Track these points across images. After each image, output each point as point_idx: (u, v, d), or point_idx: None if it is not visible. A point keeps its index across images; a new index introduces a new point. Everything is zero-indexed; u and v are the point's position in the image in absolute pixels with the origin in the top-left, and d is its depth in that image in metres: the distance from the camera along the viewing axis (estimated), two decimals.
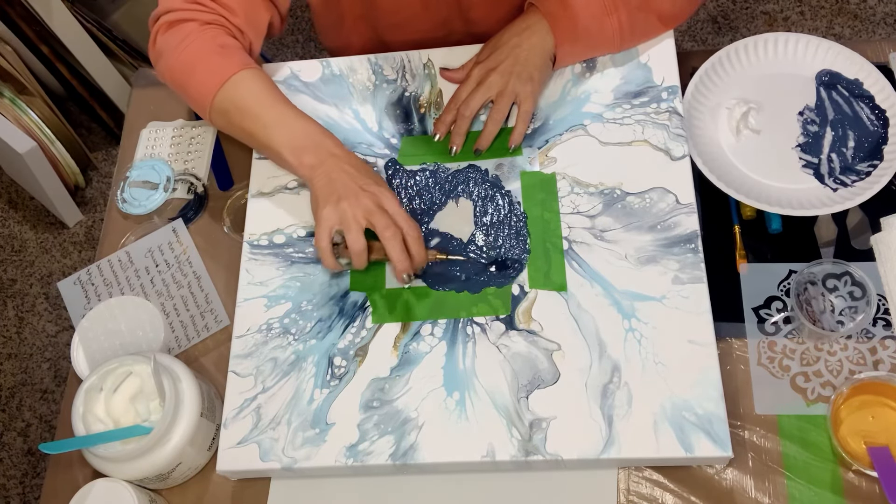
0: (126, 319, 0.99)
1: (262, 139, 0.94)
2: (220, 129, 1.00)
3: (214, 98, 0.94)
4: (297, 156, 0.92)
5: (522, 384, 0.88)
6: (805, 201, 0.95)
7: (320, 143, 0.92)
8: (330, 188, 0.89)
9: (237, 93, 0.94)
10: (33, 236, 2.07)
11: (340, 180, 0.90)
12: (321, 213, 0.89)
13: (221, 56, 0.95)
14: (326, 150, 0.92)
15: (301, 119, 0.94)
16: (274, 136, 0.93)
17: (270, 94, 0.94)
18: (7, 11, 1.89)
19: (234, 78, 0.94)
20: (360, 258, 0.90)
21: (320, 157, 0.91)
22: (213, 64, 0.95)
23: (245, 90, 0.94)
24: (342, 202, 0.88)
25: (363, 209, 0.88)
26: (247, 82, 0.94)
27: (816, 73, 1.03)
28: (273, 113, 0.93)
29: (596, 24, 0.97)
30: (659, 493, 0.87)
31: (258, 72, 0.96)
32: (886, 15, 2.04)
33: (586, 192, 0.96)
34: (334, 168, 0.90)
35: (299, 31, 2.23)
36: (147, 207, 1.07)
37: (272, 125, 0.93)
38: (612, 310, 0.90)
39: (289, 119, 0.93)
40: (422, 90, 1.06)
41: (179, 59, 0.96)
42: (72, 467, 0.97)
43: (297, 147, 0.92)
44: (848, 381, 0.87)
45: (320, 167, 0.91)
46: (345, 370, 0.91)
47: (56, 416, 1.85)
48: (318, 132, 0.93)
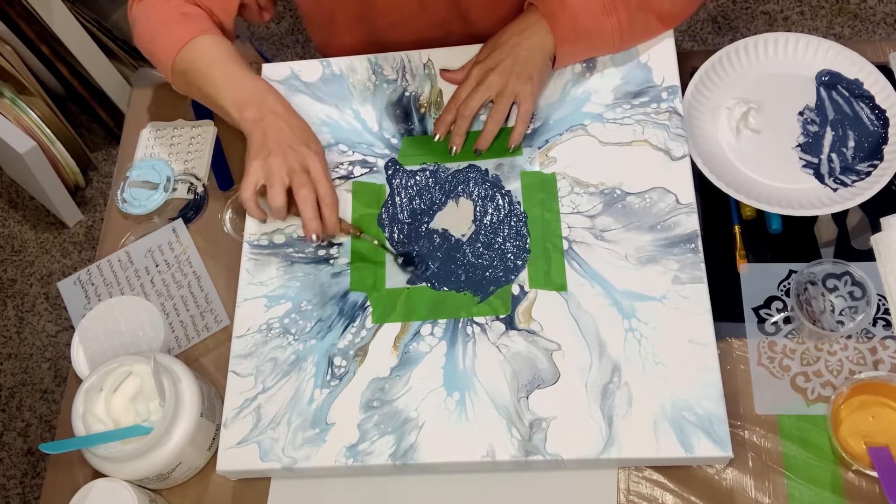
0: (126, 319, 0.99)
1: (213, 97, 0.97)
2: (181, 90, 1.04)
3: (174, 61, 1.00)
4: (239, 111, 0.95)
5: (522, 384, 0.88)
6: (805, 201, 0.95)
7: (263, 100, 0.96)
8: (263, 142, 0.94)
9: (193, 55, 0.98)
10: (33, 236, 2.07)
11: (274, 137, 0.94)
12: (250, 165, 0.93)
13: (182, 23, 1.01)
14: (268, 106, 0.95)
15: (249, 78, 0.97)
16: (222, 93, 0.97)
17: (223, 56, 0.98)
18: (7, 11, 1.89)
19: (192, 42, 0.99)
20: (278, 213, 0.94)
21: (261, 112, 0.95)
22: (174, 29, 1.00)
23: (200, 52, 0.98)
24: (270, 158, 0.93)
25: (287, 167, 0.92)
26: (202, 45, 0.99)
27: (816, 73, 1.03)
28: (222, 72, 0.97)
29: (595, 24, 0.97)
30: (659, 493, 0.87)
31: (215, 37, 1.00)
32: (886, 15, 2.04)
33: (586, 191, 0.96)
34: (271, 125, 0.94)
35: (299, 31, 2.23)
36: (147, 207, 1.07)
37: (221, 84, 0.97)
38: (612, 310, 0.90)
39: (237, 78, 0.97)
40: (422, 90, 1.06)
41: (146, 26, 1.03)
42: (72, 467, 0.97)
43: (240, 103, 0.96)
44: (848, 381, 0.87)
45: (259, 122, 0.94)
46: (345, 370, 0.91)
47: (56, 416, 1.85)
48: (263, 90, 0.97)
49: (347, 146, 1.04)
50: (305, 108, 1.06)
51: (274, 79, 1.09)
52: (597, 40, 0.99)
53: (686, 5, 1.01)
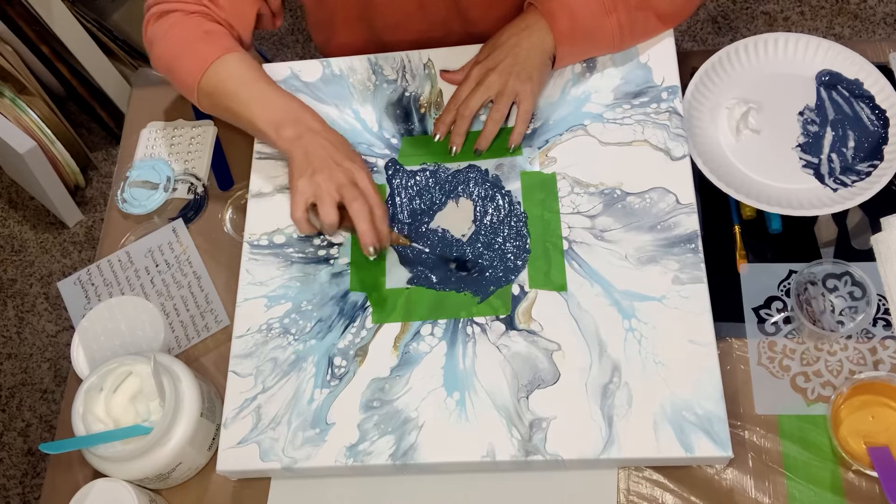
0: (126, 319, 0.99)
1: (245, 117, 0.96)
2: (208, 112, 1.02)
3: (199, 82, 0.97)
4: (276, 130, 0.94)
5: (522, 384, 0.88)
6: (805, 201, 0.95)
7: (299, 118, 0.95)
8: (306, 161, 0.92)
9: (220, 76, 0.97)
10: (33, 236, 2.07)
11: (317, 154, 0.92)
12: (296, 184, 0.92)
13: (206, 42, 0.98)
14: (305, 124, 0.94)
15: (281, 95, 0.96)
16: (255, 112, 0.95)
17: (251, 74, 0.97)
18: (7, 11, 1.89)
19: (217, 62, 0.97)
20: (331, 229, 0.93)
21: (298, 130, 0.94)
22: (197, 50, 0.98)
23: (227, 73, 0.97)
24: (317, 175, 0.91)
25: (336, 183, 0.91)
26: (229, 65, 0.97)
27: (816, 73, 1.03)
28: (253, 90, 0.96)
29: (595, 24, 0.97)
30: (659, 493, 0.87)
31: (240, 55, 0.98)
32: (886, 15, 2.04)
33: (586, 192, 0.96)
34: (311, 142, 0.93)
35: (299, 31, 2.23)
36: (147, 207, 1.07)
37: (253, 102, 0.95)
38: (612, 310, 0.90)
39: (269, 95, 0.96)
40: (422, 90, 1.06)
41: (166, 46, 1.00)
42: (72, 467, 0.97)
43: (276, 122, 0.94)
44: (848, 381, 0.87)
45: (298, 141, 0.93)
46: (345, 370, 0.91)
47: (56, 416, 1.85)
48: (297, 107, 0.96)
49: None
50: None
51: (274, 79, 1.08)
52: (596, 40, 0.99)
53: (685, 4, 1.00)
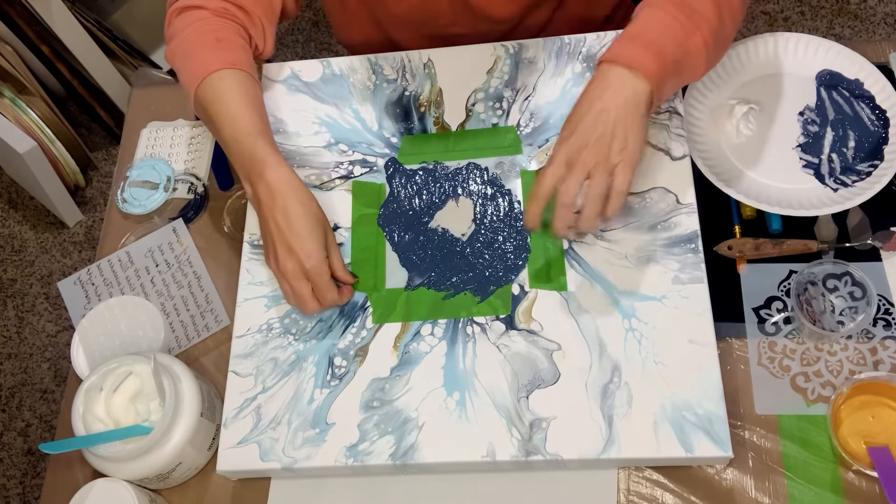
0: (126, 319, 0.99)
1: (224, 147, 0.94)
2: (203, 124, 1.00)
3: (196, 92, 0.94)
4: (243, 180, 0.93)
5: (522, 384, 0.88)
6: (805, 201, 0.95)
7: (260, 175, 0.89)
8: (264, 239, 0.92)
9: (209, 93, 0.93)
10: (33, 236, 2.07)
11: (268, 232, 0.90)
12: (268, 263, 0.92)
13: (212, 50, 0.94)
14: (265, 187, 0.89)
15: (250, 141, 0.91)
16: (228, 151, 0.93)
17: (237, 106, 0.92)
18: (7, 11, 1.89)
19: (213, 76, 0.93)
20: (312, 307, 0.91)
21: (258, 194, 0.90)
22: (202, 57, 0.94)
23: (216, 91, 0.93)
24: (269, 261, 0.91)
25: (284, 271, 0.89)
26: (221, 84, 0.93)
27: (817, 73, 1.03)
28: (230, 127, 0.92)
29: (681, 50, 0.85)
30: (659, 493, 0.87)
31: (238, 74, 0.94)
32: (886, 15, 2.04)
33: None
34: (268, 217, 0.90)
35: (299, 31, 2.24)
36: (147, 207, 1.07)
37: (226, 142, 0.93)
38: (612, 310, 0.90)
39: (240, 139, 0.91)
40: (422, 89, 1.06)
41: (178, 45, 0.97)
42: (72, 467, 0.97)
43: (242, 172, 0.92)
44: (848, 381, 0.87)
45: (258, 206, 0.91)
46: (345, 370, 0.91)
47: (56, 416, 1.85)
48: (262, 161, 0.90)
49: (347, 146, 1.04)
50: (305, 108, 1.06)
51: (274, 79, 1.09)
52: (686, 66, 0.87)
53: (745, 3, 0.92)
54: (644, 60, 0.83)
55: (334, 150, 1.03)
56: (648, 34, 0.85)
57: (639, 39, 0.84)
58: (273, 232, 0.89)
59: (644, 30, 0.85)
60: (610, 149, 0.83)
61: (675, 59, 0.85)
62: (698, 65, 0.88)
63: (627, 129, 0.83)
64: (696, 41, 0.85)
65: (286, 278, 0.89)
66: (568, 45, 1.05)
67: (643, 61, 0.83)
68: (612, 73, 0.84)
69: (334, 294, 0.91)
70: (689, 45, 0.85)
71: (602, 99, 0.84)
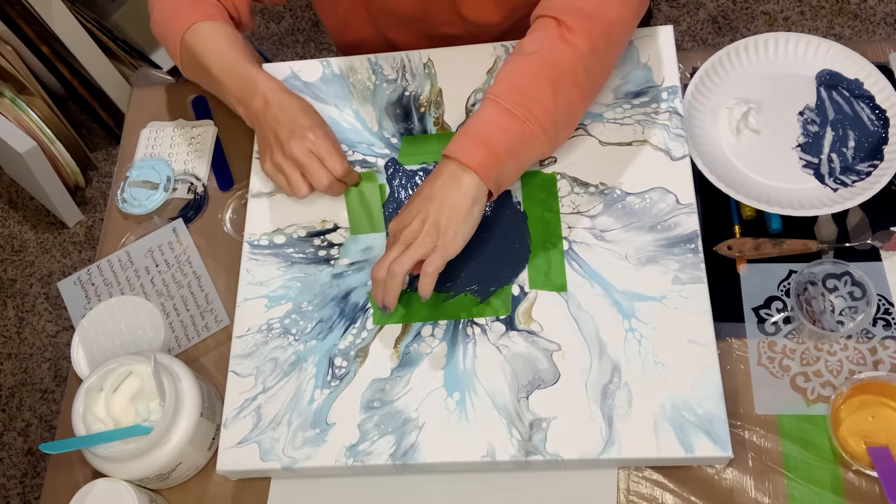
0: (126, 319, 0.99)
1: (216, 92, 1.00)
2: (192, 80, 1.04)
3: (180, 47, 1.00)
4: (238, 108, 0.98)
5: (522, 384, 0.88)
6: (805, 201, 0.95)
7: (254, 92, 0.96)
8: (262, 141, 0.97)
9: (193, 42, 0.98)
10: (33, 236, 2.08)
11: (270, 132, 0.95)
12: (264, 168, 0.97)
13: (189, 7, 1.00)
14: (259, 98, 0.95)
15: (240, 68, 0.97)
16: (222, 90, 0.98)
17: (219, 45, 0.98)
18: (7, 11, 1.89)
19: (193, 28, 0.98)
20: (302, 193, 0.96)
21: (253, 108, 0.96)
22: (181, 13, 1.00)
23: (199, 41, 0.98)
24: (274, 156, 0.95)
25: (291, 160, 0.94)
26: (202, 32, 0.98)
27: (817, 73, 1.03)
28: (219, 64, 0.97)
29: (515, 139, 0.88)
30: (659, 493, 0.87)
31: (216, 23, 0.99)
32: (886, 15, 2.04)
33: (586, 191, 0.96)
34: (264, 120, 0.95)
35: (299, 31, 2.24)
36: (147, 207, 1.07)
37: (218, 78, 0.97)
38: (612, 310, 0.90)
39: (230, 70, 0.97)
40: (422, 89, 1.06)
41: (159, 13, 1.03)
42: (72, 467, 0.97)
43: (237, 99, 0.97)
44: (848, 381, 0.87)
45: (255, 119, 0.97)
46: (345, 370, 0.91)
47: (56, 416, 1.85)
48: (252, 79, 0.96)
49: (347, 146, 1.04)
50: None
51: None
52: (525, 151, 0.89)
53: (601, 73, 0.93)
54: (474, 155, 0.87)
55: None
56: (480, 129, 0.88)
57: (470, 134, 0.88)
58: (271, 126, 0.95)
59: (477, 124, 0.89)
60: (424, 233, 0.87)
61: (508, 149, 0.88)
62: (538, 147, 0.89)
63: (449, 219, 0.87)
64: (530, 128, 0.87)
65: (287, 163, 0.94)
66: None
67: (473, 156, 0.87)
68: (446, 167, 0.88)
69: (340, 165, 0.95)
70: (524, 133, 0.88)
71: (430, 188, 0.88)
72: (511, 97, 0.88)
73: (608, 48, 0.91)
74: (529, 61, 0.89)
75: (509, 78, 0.89)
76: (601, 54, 0.90)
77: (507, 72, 0.89)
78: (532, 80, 0.88)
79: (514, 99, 0.88)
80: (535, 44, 0.90)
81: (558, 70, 0.88)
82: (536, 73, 0.88)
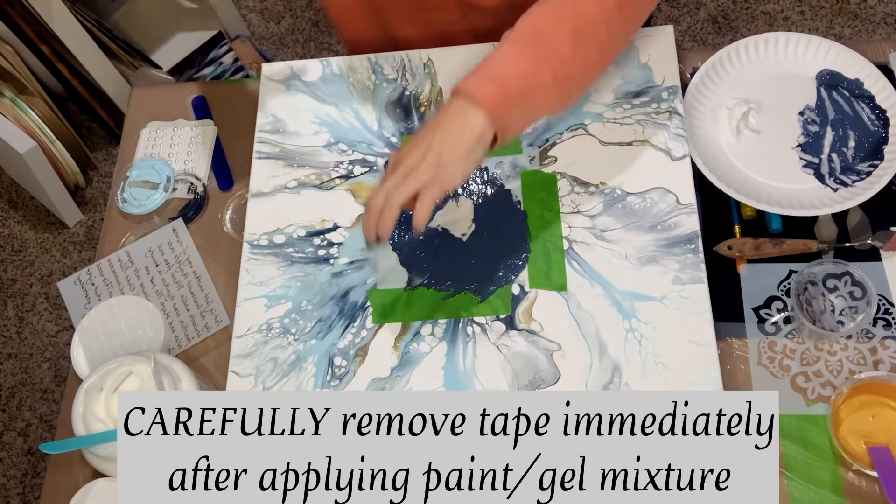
0: (126, 319, 0.99)
1: None
2: None
3: None
4: None
5: (523, 384, 0.88)
6: (805, 201, 0.95)
7: None
8: None
9: None
10: (33, 236, 2.08)
11: None
12: None
13: None
14: None
15: None
16: None
17: None
18: (7, 11, 1.89)
19: None
20: None
21: None
22: None
23: None
24: None
25: None
26: None
27: (817, 73, 1.03)
28: None
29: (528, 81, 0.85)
30: None
31: None
32: (886, 15, 2.04)
33: (587, 191, 0.96)
34: None
35: (299, 31, 2.24)
36: (147, 207, 1.07)
37: None
38: (612, 310, 0.90)
39: None
40: (422, 89, 1.06)
41: None
42: (72, 467, 0.97)
43: None
44: (848, 381, 0.87)
45: None
46: (345, 370, 0.91)
47: (56, 416, 1.85)
48: None
49: (347, 145, 1.04)
50: (305, 107, 1.06)
51: (274, 78, 1.09)
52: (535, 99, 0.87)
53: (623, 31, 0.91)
54: (485, 92, 0.84)
55: (334, 150, 1.03)
56: (494, 68, 0.85)
57: (484, 72, 0.85)
58: None
59: (492, 62, 0.86)
60: (426, 165, 0.83)
61: (520, 92, 0.84)
62: (550, 97, 0.87)
63: (452, 153, 0.84)
64: (544, 74, 0.85)
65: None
66: None
67: (484, 92, 0.84)
68: (453, 102, 0.85)
69: None
70: (538, 78, 0.85)
71: (436, 120, 0.85)
72: (530, 41, 0.85)
73: (633, 12, 0.89)
74: (554, 9, 0.87)
75: (531, 22, 0.87)
76: (626, 15, 0.89)
77: (530, 16, 0.87)
78: (554, 28, 0.86)
79: (533, 43, 0.85)
80: None
81: (582, 21, 0.86)
82: (559, 20, 0.86)
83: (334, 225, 0.99)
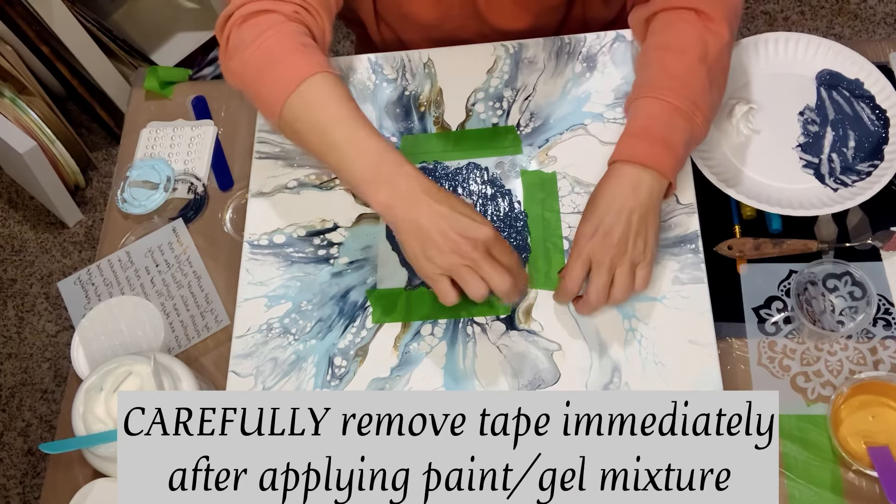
0: (126, 319, 0.99)
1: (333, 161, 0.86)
2: (289, 138, 0.92)
3: (289, 99, 0.85)
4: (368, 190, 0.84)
5: (523, 384, 0.88)
6: (805, 201, 0.95)
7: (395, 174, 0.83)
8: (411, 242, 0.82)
9: (311, 97, 0.85)
10: (33, 236, 2.08)
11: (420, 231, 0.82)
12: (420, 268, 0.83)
13: (300, 55, 0.86)
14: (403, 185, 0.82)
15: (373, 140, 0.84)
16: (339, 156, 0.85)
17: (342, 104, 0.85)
18: (7, 11, 1.89)
19: (310, 80, 0.85)
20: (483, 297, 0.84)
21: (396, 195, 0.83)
22: (292, 62, 0.86)
23: (317, 96, 0.85)
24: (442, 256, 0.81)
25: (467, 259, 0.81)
26: (323, 87, 0.85)
27: (817, 73, 1.03)
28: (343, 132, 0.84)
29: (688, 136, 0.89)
30: None
31: (332, 77, 0.86)
32: (886, 15, 2.04)
33: (587, 191, 0.96)
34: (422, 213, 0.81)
35: None
36: (147, 207, 1.07)
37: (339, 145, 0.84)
38: (612, 310, 0.90)
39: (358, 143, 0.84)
40: (422, 89, 1.06)
41: (255, 54, 0.87)
42: (72, 467, 0.97)
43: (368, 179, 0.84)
44: (848, 381, 0.87)
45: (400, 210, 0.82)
46: (345, 370, 0.91)
47: (56, 416, 1.85)
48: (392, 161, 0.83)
49: None
50: None
51: None
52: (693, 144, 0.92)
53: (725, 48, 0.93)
54: (660, 158, 0.86)
55: None
56: (655, 129, 0.88)
57: (647, 136, 0.87)
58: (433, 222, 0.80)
59: (649, 124, 0.88)
60: (632, 249, 0.85)
61: (685, 144, 0.88)
62: (703, 137, 0.92)
63: (647, 228, 0.86)
64: (698, 122, 0.89)
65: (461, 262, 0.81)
66: (568, 44, 1.05)
67: (659, 159, 0.86)
68: (627, 171, 0.86)
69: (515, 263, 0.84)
70: (693, 128, 0.89)
71: (621, 198, 0.86)
72: (672, 90, 0.88)
73: (737, 28, 0.94)
74: (687, 58, 0.90)
75: (670, 73, 0.90)
76: (735, 36, 0.94)
77: (666, 68, 0.90)
78: (693, 76, 0.89)
79: (675, 92, 0.88)
80: (684, 38, 0.91)
81: (711, 61, 0.90)
82: (696, 68, 0.89)
83: (334, 225, 0.99)
